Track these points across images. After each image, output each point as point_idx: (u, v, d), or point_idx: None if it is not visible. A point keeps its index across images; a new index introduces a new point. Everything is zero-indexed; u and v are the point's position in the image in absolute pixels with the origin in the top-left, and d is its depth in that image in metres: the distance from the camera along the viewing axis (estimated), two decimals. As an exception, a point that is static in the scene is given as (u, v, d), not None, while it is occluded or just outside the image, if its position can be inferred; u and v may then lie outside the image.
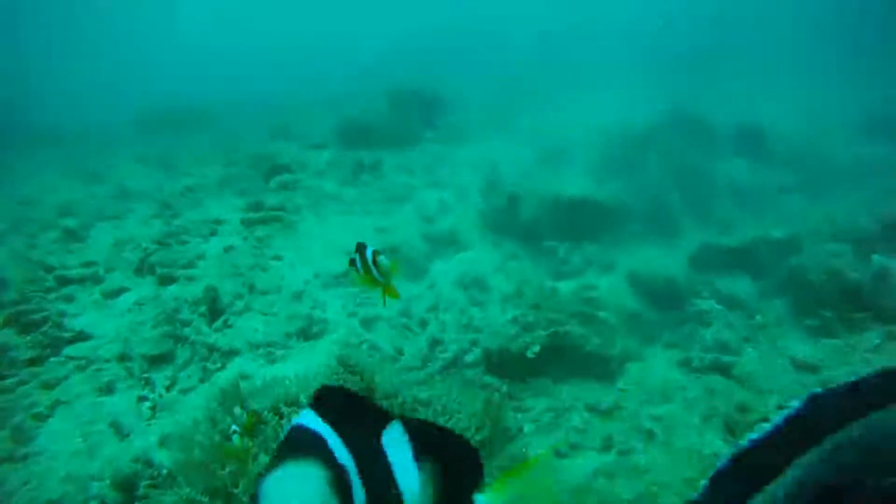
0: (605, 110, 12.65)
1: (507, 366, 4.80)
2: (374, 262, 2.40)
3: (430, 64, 18.62)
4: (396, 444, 1.09)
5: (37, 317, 5.34)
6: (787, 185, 8.58)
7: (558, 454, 4.28)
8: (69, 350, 5.16)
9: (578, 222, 7.19)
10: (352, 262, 2.48)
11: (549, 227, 7.27)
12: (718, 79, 14.46)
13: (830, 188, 8.15)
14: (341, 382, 3.74)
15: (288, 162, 11.68)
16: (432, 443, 1.11)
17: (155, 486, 3.51)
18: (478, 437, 3.64)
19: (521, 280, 6.64)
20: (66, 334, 5.27)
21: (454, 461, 1.13)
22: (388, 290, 2.46)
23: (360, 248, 2.44)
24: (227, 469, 3.35)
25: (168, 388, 4.67)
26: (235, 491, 3.25)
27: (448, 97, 14.73)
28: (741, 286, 6.22)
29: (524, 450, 4.11)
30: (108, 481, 3.59)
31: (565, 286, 6.02)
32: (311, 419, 1.04)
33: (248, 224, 8.61)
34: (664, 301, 6.01)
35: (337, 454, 1.01)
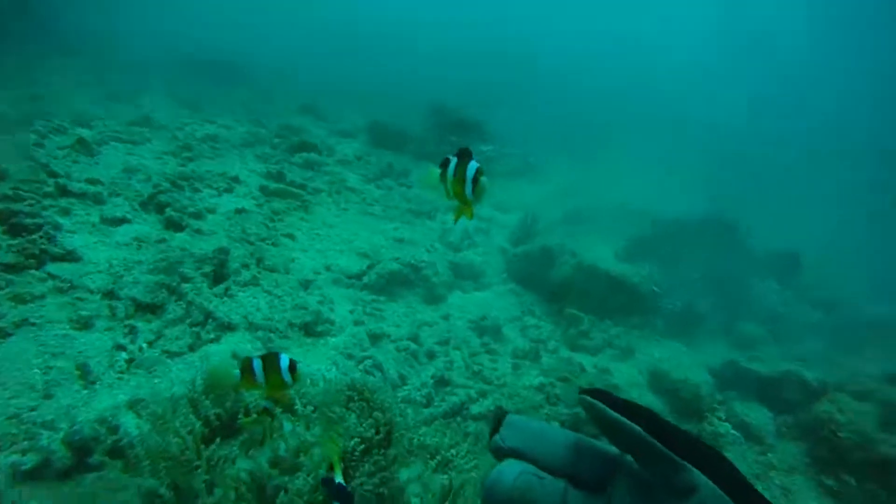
0: (640, 186, 12.51)
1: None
2: (476, 177, 2.00)
3: (474, 87, 18.40)
4: None
5: (29, 221, 4.79)
6: (817, 323, 8.41)
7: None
8: (53, 267, 4.61)
9: (607, 298, 6.87)
10: (445, 163, 2.07)
11: (577, 293, 6.92)
12: (763, 188, 14.37)
13: (859, 341, 7.98)
14: (356, 411, 3.29)
15: (315, 142, 11.32)
16: None
17: (113, 459, 2.98)
18: (479, 505, 3.19)
19: (538, 340, 6.26)
20: (56, 249, 4.72)
21: None
22: (467, 209, 2.09)
23: (465, 153, 2.04)
24: (205, 476, 2.85)
25: (151, 344, 4.14)
26: (208, 502, 2.75)
27: (487, 127, 14.53)
28: (760, 418, 5.91)
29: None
30: (61, 435, 3.04)
31: (587, 363, 5.66)
32: None
33: (266, 193, 8.15)
34: (681, 409, 5.66)
35: None
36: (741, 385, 6.26)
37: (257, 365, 2.33)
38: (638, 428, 0.91)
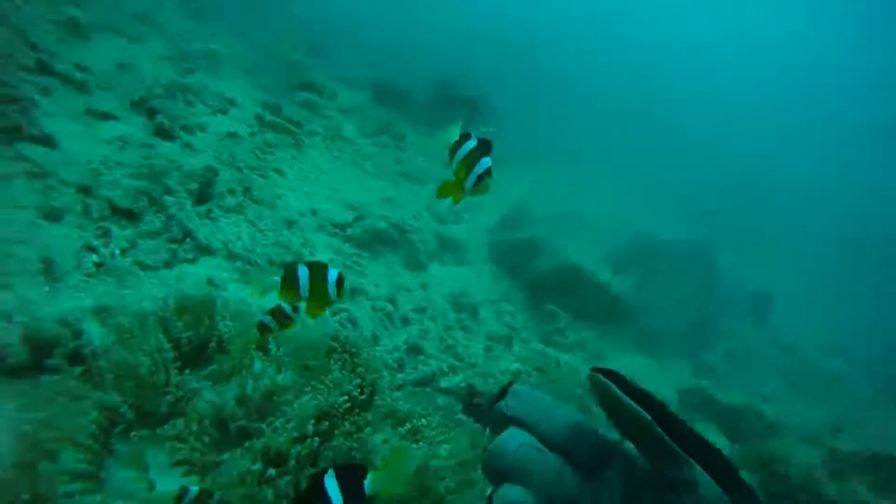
0: (638, 198, 12.48)
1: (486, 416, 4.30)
2: (482, 176, 1.82)
3: (493, 74, 17.92)
4: None
5: (1, 91, 4.39)
6: (778, 364, 8.62)
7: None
8: (25, 148, 4.24)
9: (586, 301, 6.85)
10: (463, 137, 1.88)
11: (556, 290, 6.86)
12: (759, 223, 14.49)
13: (810, 387, 8.24)
14: (338, 364, 3.11)
15: (318, 84, 10.94)
16: None
17: (71, 364, 2.74)
18: (451, 484, 3.05)
19: (512, 327, 6.19)
20: (31, 129, 4.35)
21: None
22: (458, 196, 1.91)
23: (485, 145, 1.83)
24: (169, 398, 2.62)
25: (124, 252, 3.85)
26: (172, 432, 2.54)
27: (495, 110, 14.23)
28: (717, 442, 5.98)
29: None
30: (19, 331, 2.77)
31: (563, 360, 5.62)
32: None
33: (261, 122, 7.78)
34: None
35: None
36: (703, 409, 6.35)
37: (303, 273, 2.05)
38: (647, 416, 0.90)
